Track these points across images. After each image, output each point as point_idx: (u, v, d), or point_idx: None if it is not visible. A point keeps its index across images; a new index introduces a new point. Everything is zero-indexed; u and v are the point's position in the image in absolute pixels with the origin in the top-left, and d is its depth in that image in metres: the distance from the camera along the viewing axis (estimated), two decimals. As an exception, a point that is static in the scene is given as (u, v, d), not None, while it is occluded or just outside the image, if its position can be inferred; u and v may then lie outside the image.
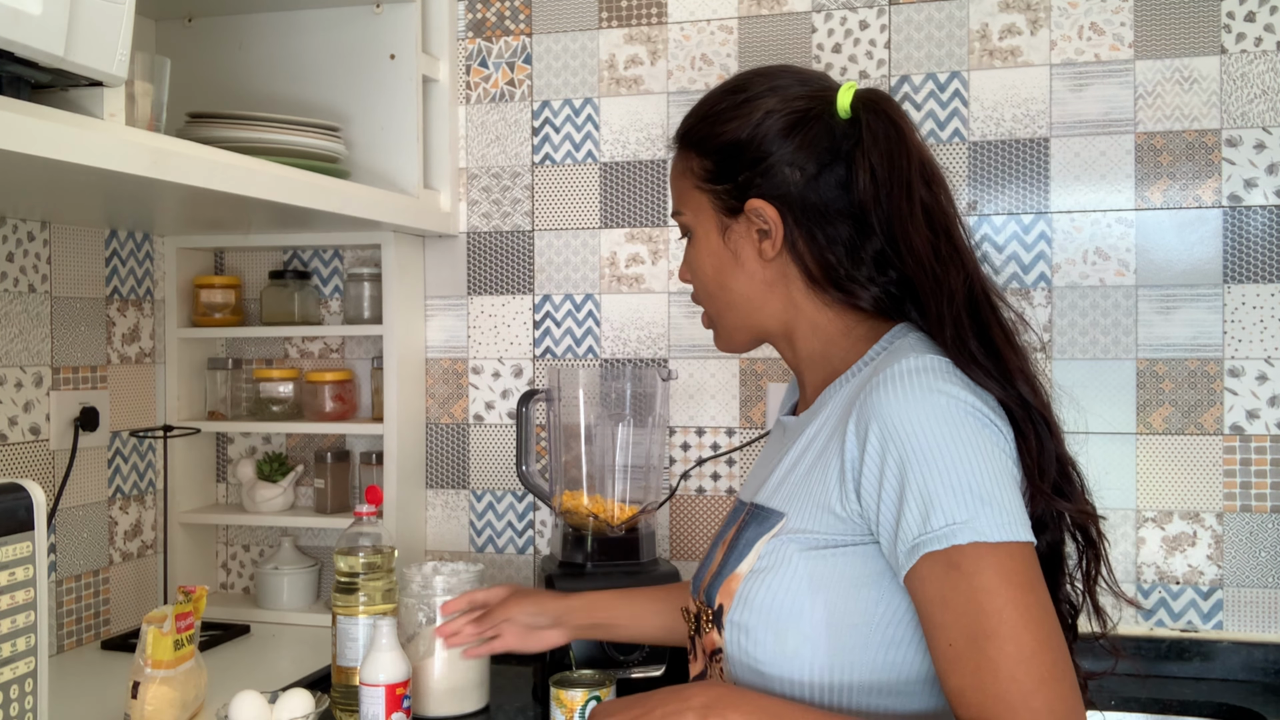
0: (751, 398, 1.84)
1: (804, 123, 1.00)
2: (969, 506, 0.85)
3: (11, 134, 1.01)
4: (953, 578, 0.85)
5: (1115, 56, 1.70)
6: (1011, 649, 0.83)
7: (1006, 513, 0.86)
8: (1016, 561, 0.85)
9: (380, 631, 1.36)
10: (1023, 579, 0.85)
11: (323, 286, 2.01)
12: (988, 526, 0.85)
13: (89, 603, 1.79)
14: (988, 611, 0.84)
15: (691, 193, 1.07)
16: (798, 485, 0.99)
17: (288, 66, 1.86)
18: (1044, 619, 0.85)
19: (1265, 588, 1.66)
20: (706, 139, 1.05)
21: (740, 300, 1.06)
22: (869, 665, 0.93)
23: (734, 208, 1.03)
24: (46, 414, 1.69)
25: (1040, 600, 0.85)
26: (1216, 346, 1.67)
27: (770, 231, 1.01)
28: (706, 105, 1.07)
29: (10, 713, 1.10)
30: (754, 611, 0.96)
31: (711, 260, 1.06)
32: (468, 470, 1.96)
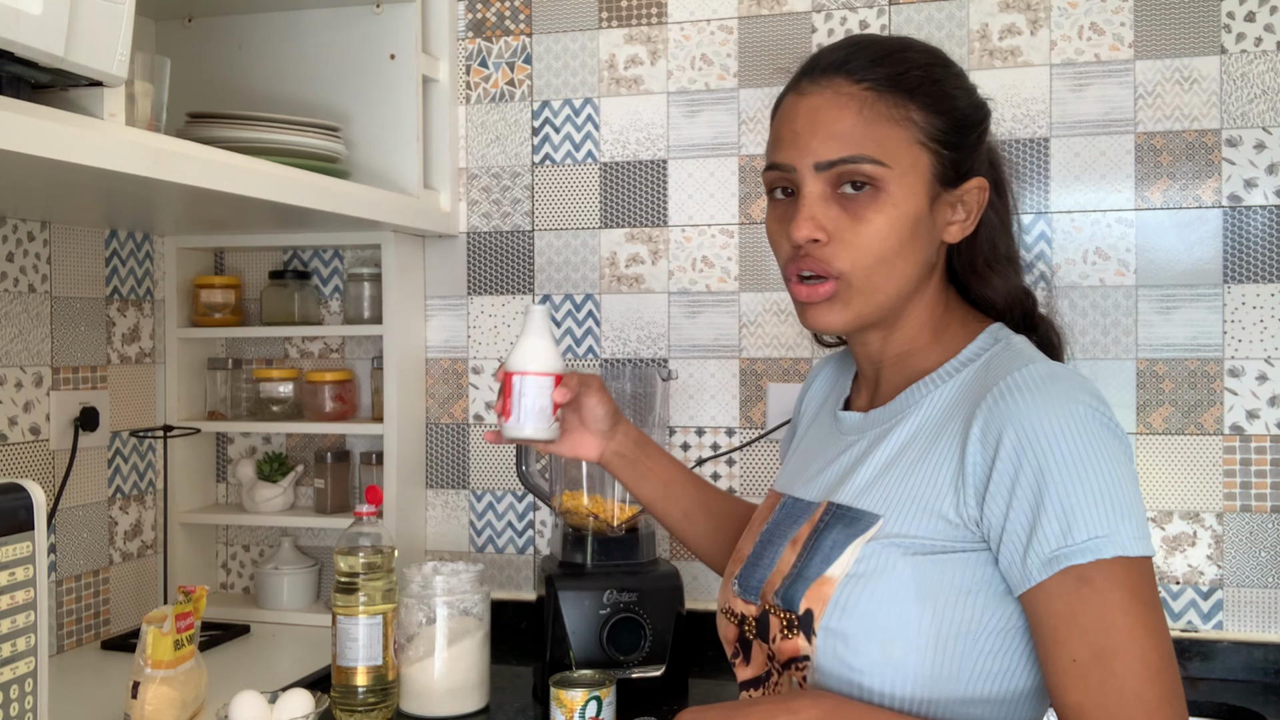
0: (751, 398, 1.84)
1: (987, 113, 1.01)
2: (1111, 519, 0.83)
3: (11, 134, 1.01)
4: (1084, 593, 0.83)
5: (1115, 56, 1.70)
6: (1139, 667, 0.82)
7: (1140, 524, 0.85)
8: (1146, 576, 0.84)
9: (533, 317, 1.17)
10: (1149, 594, 0.84)
11: (323, 286, 2.01)
12: (1128, 540, 0.83)
13: (89, 603, 1.79)
14: (1118, 628, 0.82)
15: (907, 146, 0.93)
16: (895, 487, 0.94)
17: (288, 66, 1.86)
18: (1165, 636, 0.84)
19: (1265, 588, 1.66)
20: (934, 94, 0.94)
21: (905, 277, 0.95)
22: (970, 675, 0.89)
23: (952, 179, 0.96)
24: (46, 414, 1.69)
25: (1161, 616, 0.85)
26: (1216, 346, 1.67)
27: (969, 215, 0.98)
28: (930, 55, 0.97)
29: (10, 713, 1.10)
30: (854, 618, 0.91)
31: (905, 224, 0.93)
32: (468, 470, 1.96)
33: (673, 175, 1.86)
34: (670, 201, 1.87)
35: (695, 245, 1.85)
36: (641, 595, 1.57)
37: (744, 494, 1.85)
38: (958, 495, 0.89)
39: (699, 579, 1.86)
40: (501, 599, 1.87)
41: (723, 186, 1.85)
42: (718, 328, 1.84)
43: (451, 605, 1.50)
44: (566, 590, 1.56)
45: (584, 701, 1.35)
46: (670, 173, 1.87)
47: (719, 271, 1.85)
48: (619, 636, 1.55)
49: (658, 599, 1.57)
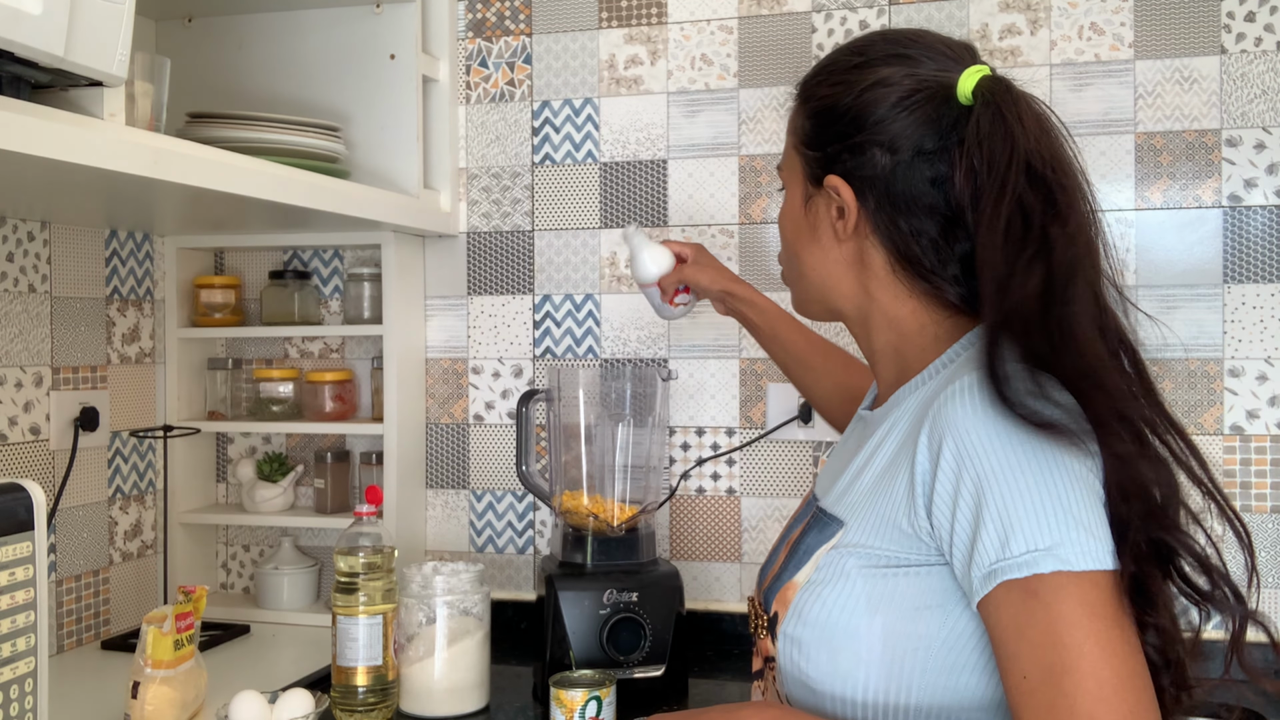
0: (751, 398, 1.84)
1: (911, 103, 0.92)
2: (1052, 531, 0.79)
3: (11, 134, 1.01)
4: (1030, 606, 0.79)
5: (1115, 56, 1.70)
6: (1091, 685, 0.76)
7: (1092, 538, 0.79)
8: (1101, 591, 0.78)
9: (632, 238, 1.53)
10: (1106, 610, 0.78)
11: (323, 286, 2.01)
12: (1071, 554, 0.78)
13: (89, 603, 1.79)
14: (1066, 645, 0.77)
15: (789, 150, 1.02)
16: (862, 495, 0.93)
17: (288, 66, 1.86)
18: (1127, 655, 0.78)
19: (1265, 588, 1.66)
20: (812, 97, 0.99)
21: (812, 273, 1.01)
22: (927, 688, 0.86)
23: (817, 177, 0.97)
24: (46, 414, 1.69)
25: (1124, 634, 0.78)
26: (1216, 346, 1.67)
27: (846, 212, 0.95)
28: (829, 59, 1.00)
29: (10, 713, 1.10)
30: (807, 626, 0.91)
31: (791, 225, 1.03)
32: (468, 470, 1.96)
33: (673, 175, 1.86)
34: (670, 201, 1.87)
35: (695, 245, 1.85)
36: (641, 595, 1.57)
37: (743, 494, 1.85)
38: (911, 506, 0.87)
39: (699, 579, 1.86)
40: (501, 599, 1.87)
41: (723, 186, 1.85)
42: (718, 328, 1.84)
43: (451, 605, 1.50)
44: (566, 590, 1.56)
45: (584, 701, 1.35)
46: (670, 173, 1.87)
47: (719, 271, 1.85)
48: (619, 636, 1.55)
49: (658, 599, 1.57)
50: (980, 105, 0.89)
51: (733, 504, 1.85)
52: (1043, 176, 0.86)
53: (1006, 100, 0.89)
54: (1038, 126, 0.88)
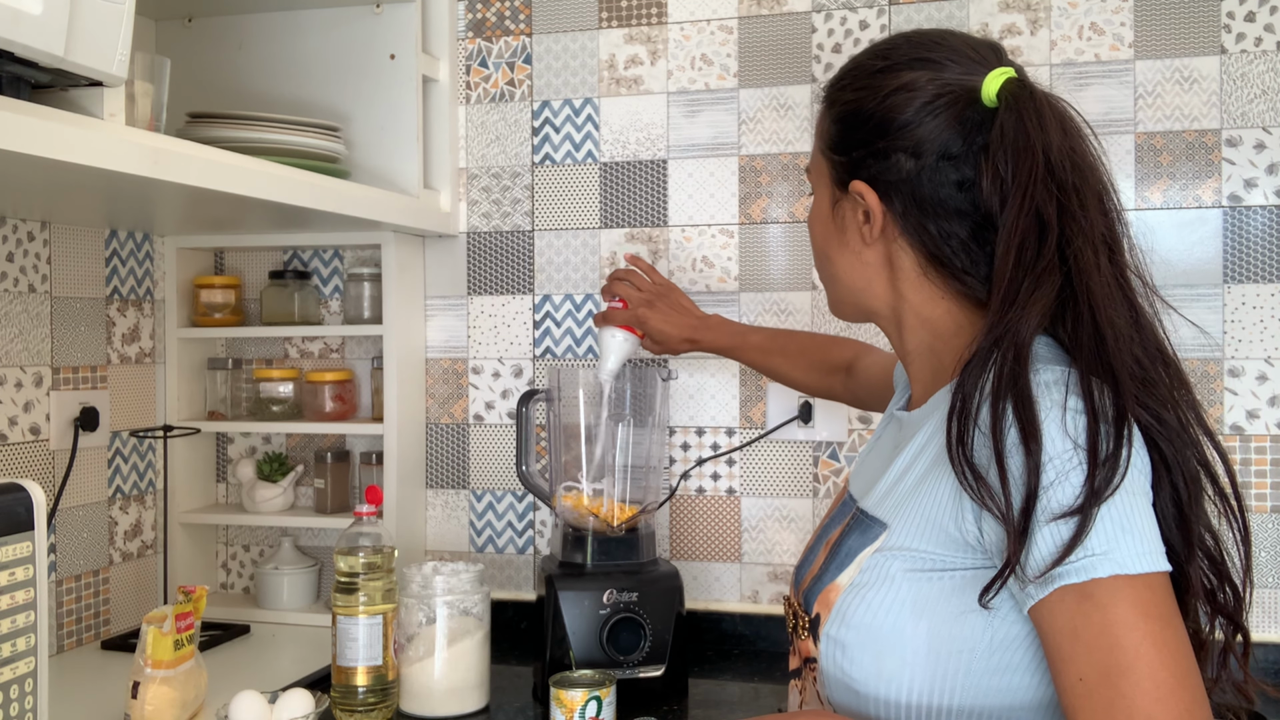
0: (751, 398, 1.84)
1: (935, 108, 0.92)
2: (1107, 536, 0.79)
3: (11, 134, 1.01)
4: (1085, 609, 0.79)
5: (1115, 56, 1.70)
6: (1149, 686, 0.77)
7: (1144, 541, 0.80)
8: (1155, 593, 0.79)
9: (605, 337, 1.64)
10: (1160, 611, 0.79)
11: (323, 286, 2.01)
12: (1127, 557, 0.79)
13: (89, 603, 1.79)
14: (1124, 646, 0.78)
15: (816, 154, 1.03)
16: (905, 497, 0.93)
17: (288, 66, 1.86)
18: (1181, 653, 0.79)
19: (1265, 588, 1.66)
20: (837, 101, 0.99)
21: (843, 275, 1.02)
22: (973, 690, 0.87)
23: (844, 181, 0.98)
24: (46, 414, 1.69)
25: (1177, 633, 0.79)
26: (1216, 346, 1.67)
27: (872, 216, 0.96)
28: (855, 61, 1.00)
29: (10, 713, 1.10)
30: (851, 629, 0.91)
31: (820, 228, 1.04)
32: (468, 470, 1.96)
33: (673, 175, 1.86)
34: (670, 201, 1.87)
35: (695, 245, 1.86)
36: (641, 595, 1.57)
37: (743, 494, 1.85)
38: (959, 509, 0.87)
39: (699, 579, 1.86)
40: (501, 599, 1.87)
41: (723, 186, 1.85)
42: (718, 328, 1.84)
43: (451, 605, 1.50)
44: (566, 590, 1.56)
45: (584, 701, 1.35)
46: (670, 173, 1.87)
47: (719, 271, 1.85)
48: (619, 636, 1.55)
49: (658, 599, 1.57)
50: (1004, 109, 0.89)
51: (733, 504, 1.85)
52: (1062, 181, 0.87)
53: (1029, 106, 0.89)
54: (1060, 130, 0.89)
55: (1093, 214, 0.88)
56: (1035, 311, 0.85)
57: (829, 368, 1.54)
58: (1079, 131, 0.91)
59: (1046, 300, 0.85)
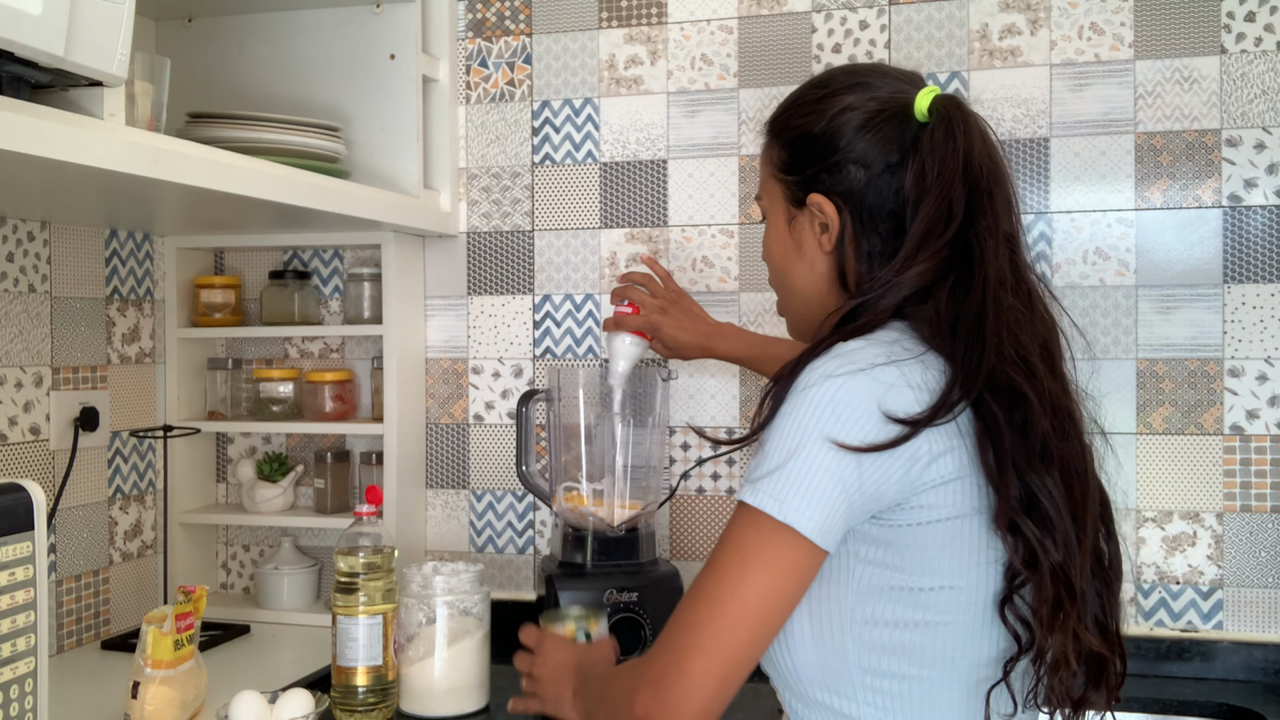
0: (751, 398, 1.84)
1: (875, 122, 1.03)
2: (762, 469, 0.92)
3: (11, 134, 1.01)
4: (734, 517, 0.94)
5: (1115, 56, 1.70)
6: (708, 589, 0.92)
7: (787, 491, 0.89)
8: (757, 535, 0.91)
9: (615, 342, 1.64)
10: (746, 550, 0.91)
11: (323, 286, 2.01)
12: (762, 492, 0.90)
13: (89, 603, 1.79)
14: (723, 553, 0.93)
15: (768, 179, 1.13)
16: None
17: (288, 66, 1.86)
18: (734, 591, 0.90)
19: (1265, 588, 1.66)
20: (785, 129, 1.10)
21: (800, 289, 1.11)
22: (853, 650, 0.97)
23: (799, 199, 1.08)
24: (46, 414, 1.69)
25: (746, 576, 0.90)
26: (1216, 346, 1.67)
27: (829, 226, 1.05)
28: (794, 96, 1.11)
29: (10, 713, 1.10)
30: None
31: (778, 247, 1.12)
32: (468, 470, 1.96)
33: (673, 175, 1.86)
34: (670, 201, 1.87)
35: (695, 245, 1.86)
36: (641, 595, 1.57)
37: (744, 494, 1.85)
38: None
39: (699, 579, 1.86)
40: (501, 599, 1.87)
41: (723, 186, 1.85)
42: (718, 328, 1.84)
43: (451, 605, 1.50)
44: (566, 590, 1.56)
45: (571, 636, 1.33)
46: (670, 173, 1.87)
47: (719, 271, 1.85)
48: (619, 637, 1.54)
49: (658, 599, 1.57)
50: (935, 120, 1.01)
51: (732, 504, 1.85)
52: (976, 182, 0.98)
53: (958, 115, 1.01)
54: (981, 139, 1.01)
55: (1000, 213, 0.99)
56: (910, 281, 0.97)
57: None
58: (996, 145, 1.03)
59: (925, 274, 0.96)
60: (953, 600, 0.94)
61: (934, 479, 0.92)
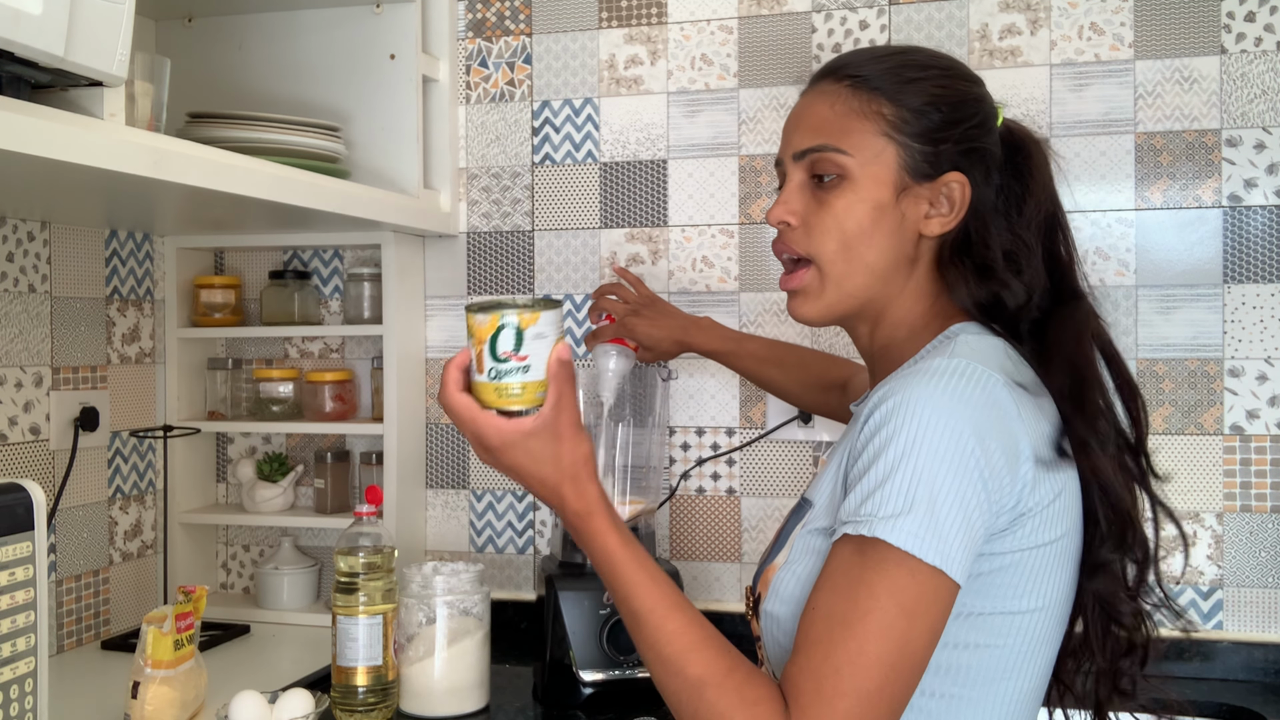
0: (752, 398, 1.84)
1: (994, 121, 1.02)
2: (899, 506, 0.83)
3: (11, 134, 1.01)
4: (852, 560, 0.84)
5: (1115, 56, 1.70)
6: (853, 647, 0.81)
7: (931, 533, 0.82)
8: (915, 583, 0.82)
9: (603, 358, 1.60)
10: (908, 601, 0.82)
11: (323, 286, 2.01)
12: (899, 532, 0.82)
13: (89, 603, 1.79)
14: (858, 605, 0.82)
15: (872, 137, 0.98)
16: (826, 474, 0.99)
17: (288, 66, 1.86)
18: (904, 648, 0.82)
19: (1265, 588, 1.66)
20: (911, 91, 0.98)
21: (873, 265, 0.99)
22: None
23: (926, 173, 0.98)
24: (46, 414, 1.69)
25: (912, 630, 0.82)
26: (1216, 346, 1.67)
27: (951, 210, 0.99)
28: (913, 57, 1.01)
29: (10, 713, 1.10)
30: (783, 603, 0.95)
31: (869, 215, 0.98)
32: (468, 470, 1.96)
33: (673, 175, 1.86)
34: (670, 201, 1.87)
35: (695, 245, 1.86)
36: (641, 595, 1.56)
37: (743, 494, 1.85)
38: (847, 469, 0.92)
39: (699, 579, 1.86)
40: (501, 599, 1.87)
41: (723, 186, 1.85)
42: (718, 328, 1.84)
43: (451, 605, 1.50)
44: (566, 590, 1.56)
45: (493, 330, 0.92)
46: (670, 173, 1.87)
47: (719, 271, 1.85)
48: (619, 636, 1.55)
49: (658, 599, 1.57)
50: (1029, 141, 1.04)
51: (733, 504, 1.85)
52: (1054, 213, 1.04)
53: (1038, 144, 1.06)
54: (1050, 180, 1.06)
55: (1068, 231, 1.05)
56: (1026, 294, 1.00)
57: (826, 384, 1.54)
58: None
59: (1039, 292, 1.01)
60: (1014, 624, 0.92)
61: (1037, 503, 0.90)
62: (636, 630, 0.91)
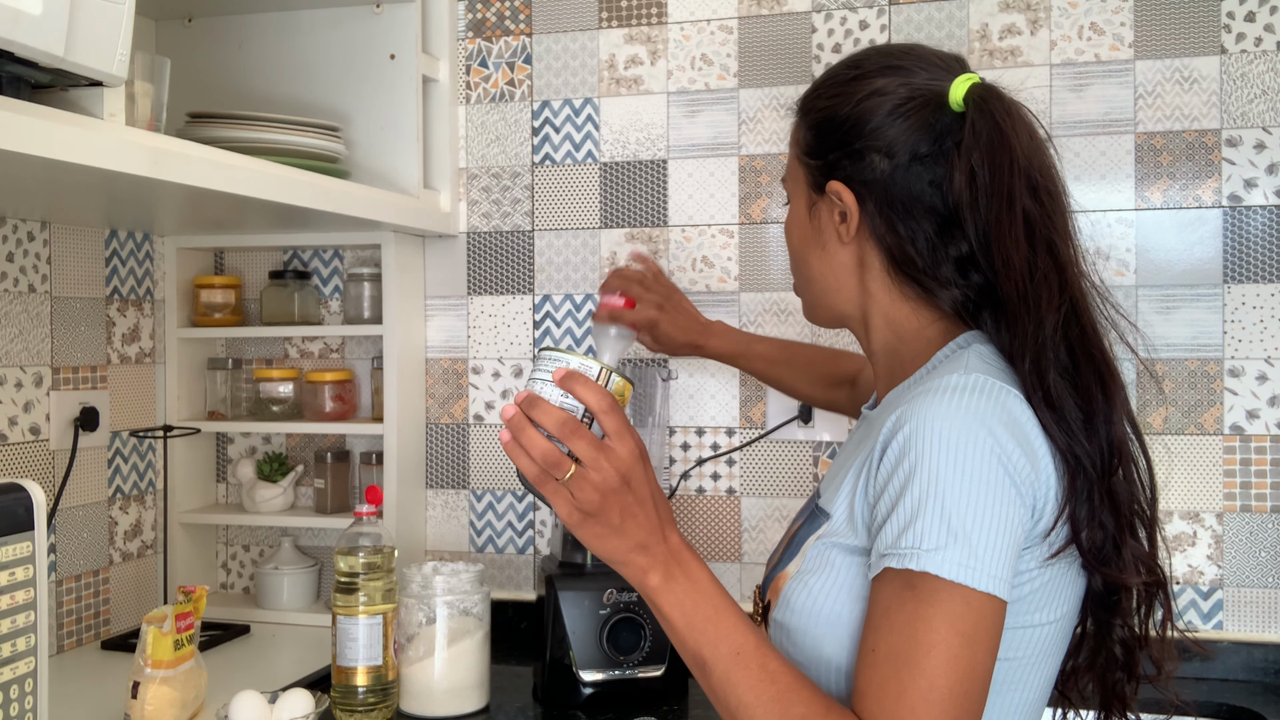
0: (752, 398, 1.84)
1: (905, 110, 0.96)
2: (940, 537, 0.83)
3: (11, 134, 1.01)
4: (904, 596, 0.84)
5: (1115, 56, 1.70)
6: (924, 685, 0.81)
7: (977, 559, 0.83)
8: (969, 609, 0.83)
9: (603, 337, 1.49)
10: (964, 626, 0.82)
11: (323, 286, 2.01)
12: (948, 563, 0.82)
13: (89, 603, 1.79)
14: (919, 642, 0.82)
15: (793, 161, 1.07)
16: (843, 485, 0.97)
17: (288, 66, 1.86)
18: (971, 675, 0.82)
19: (1265, 588, 1.66)
20: (812, 110, 1.04)
21: (817, 277, 1.05)
22: None
23: (820, 184, 1.02)
24: (46, 414, 1.69)
25: (976, 655, 0.82)
26: (1216, 346, 1.67)
27: (848, 216, 1.00)
28: (826, 75, 1.05)
29: (10, 713, 1.10)
30: (794, 613, 0.95)
31: (798, 232, 1.07)
32: (468, 470, 1.96)
33: (673, 175, 1.86)
34: (670, 201, 1.87)
35: (695, 245, 1.86)
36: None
37: (743, 494, 1.85)
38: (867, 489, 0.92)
39: (699, 579, 1.86)
40: (501, 599, 1.87)
41: (723, 186, 1.85)
42: (718, 328, 1.84)
43: (451, 605, 1.50)
44: (566, 590, 1.56)
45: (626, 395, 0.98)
46: (670, 173, 1.87)
47: (719, 271, 1.85)
48: (619, 636, 1.55)
49: (658, 599, 1.57)
50: (975, 111, 0.95)
51: (733, 504, 1.85)
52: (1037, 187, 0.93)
53: (999, 107, 0.95)
54: (1029, 135, 0.95)
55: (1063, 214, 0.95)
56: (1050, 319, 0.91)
57: (835, 380, 1.55)
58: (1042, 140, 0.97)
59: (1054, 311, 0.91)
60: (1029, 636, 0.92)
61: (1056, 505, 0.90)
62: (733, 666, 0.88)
